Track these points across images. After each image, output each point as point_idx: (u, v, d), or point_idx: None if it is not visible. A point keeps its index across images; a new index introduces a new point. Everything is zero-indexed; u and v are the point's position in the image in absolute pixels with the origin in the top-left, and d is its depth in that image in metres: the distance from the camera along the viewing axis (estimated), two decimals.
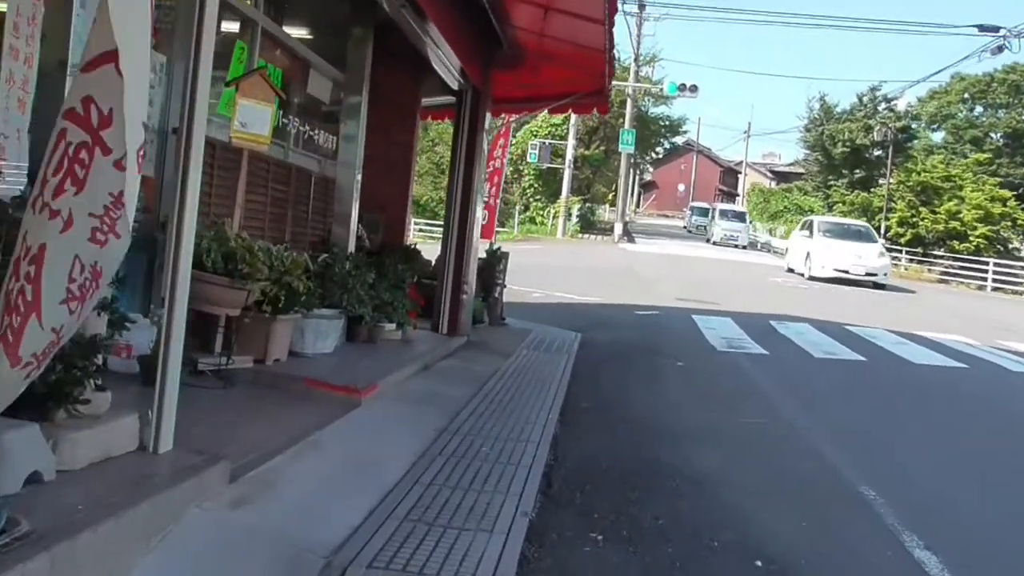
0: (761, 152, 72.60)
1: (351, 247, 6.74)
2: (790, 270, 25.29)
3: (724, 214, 40.77)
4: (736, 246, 37.59)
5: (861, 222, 28.37)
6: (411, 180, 9.05)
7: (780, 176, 75.23)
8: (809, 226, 25.55)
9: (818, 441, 5.61)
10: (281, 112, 6.46)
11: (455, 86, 8.33)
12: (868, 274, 22.43)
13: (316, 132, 7.28)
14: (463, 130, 8.42)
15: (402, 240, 8.97)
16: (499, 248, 10.66)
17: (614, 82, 37.62)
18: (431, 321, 8.23)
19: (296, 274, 4.81)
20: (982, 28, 17.98)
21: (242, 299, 4.70)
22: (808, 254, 23.71)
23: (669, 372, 7.84)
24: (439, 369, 6.65)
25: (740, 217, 41.20)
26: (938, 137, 48.17)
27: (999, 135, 52.80)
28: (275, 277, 4.75)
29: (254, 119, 4.84)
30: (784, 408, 6.56)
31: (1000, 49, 17.94)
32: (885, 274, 23.05)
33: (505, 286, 10.87)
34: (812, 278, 22.66)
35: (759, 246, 40.94)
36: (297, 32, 6.76)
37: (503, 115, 10.09)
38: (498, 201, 10.71)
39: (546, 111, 9.81)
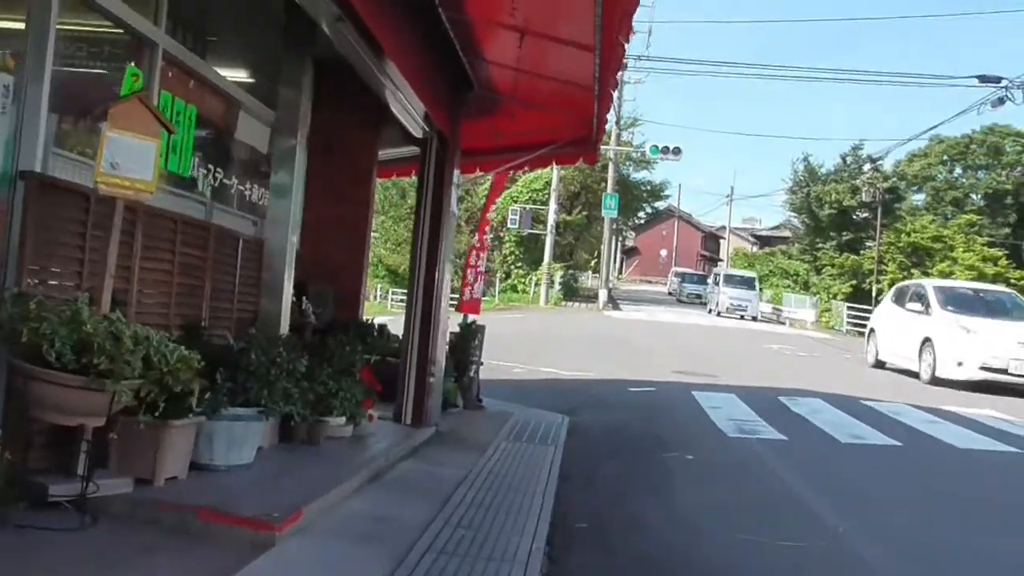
0: (741, 217, 72.44)
1: (284, 326, 5.44)
2: (879, 363, 17.21)
3: (730, 280, 36.81)
4: (743, 317, 33.90)
5: (1002, 288, 19.93)
6: (367, 244, 7.81)
7: (762, 240, 74.99)
8: (919, 295, 16.33)
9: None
10: (197, 159, 5.24)
11: (419, 133, 7.16)
12: None
13: (248, 186, 6.05)
14: (427, 184, 7.22)
15: (356, 314, 7.68)
16: (474, 321, 9.40)
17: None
18: (394, 407, 6.91)
19: (181, 373, 3.50)
20: (983, 79, 17.22)
21: (104, 404, 3.38)
22: (928, 342, 14.95)
23: (678, 471, 6.51)
24: (395, 477, 5.30)
25: (748, 283, 36.54)
26: (919, 198, 47.90)
27: (979, 196, 52.81)
28: (154, 376, 3.44)
29: (131, 159, 3.60)
30: (831, 520, 5.23)
31: (1001, 101, 17.15)
32: None
33: (482, 363, 9.59)
34: (940, 381, 14.21)
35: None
36: (223, 63, 5.58)
37: (478, 170, 8.94)
38: (481, 274, 9.49)
39: (525, 169, 8.66)
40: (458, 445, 6.66)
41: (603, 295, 34.87)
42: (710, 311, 35.88)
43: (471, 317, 9.53)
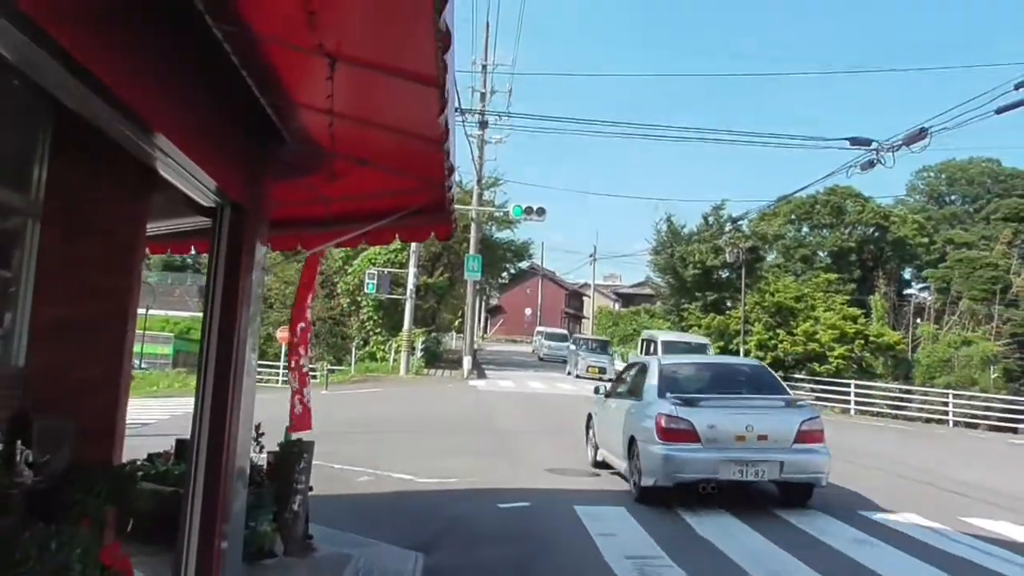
0: (603, 274, 72.49)
1: None
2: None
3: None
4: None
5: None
6: (127, 351, 5.52)
7: (625, 298, 75.52)
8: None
9: None
10: None
11: (205, 202, 5.05)
12: None
13: None
14: (217, 265, 5.09)
15: (111, 454, 5.35)
16: (298, 440, 7.24)
17: (456, 206, 35.98)
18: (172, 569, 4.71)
19: None
20: (854, 141, 16.67)
21: None
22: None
23: None
24: None
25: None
26: (770, 257, 49.08)
27: (825, 253, 54.94)
28: None
29: None
30: None
31: (871, 164, 16.59)
32: None
33: (311, 490, 7.43)
34: None
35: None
36: None
37: (299, 247, 6.84)
38: (305, 375, 7.37)
39: (363, 244, 6.64)
40: None
41: (467, 362, 32.94)
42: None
43: (296, 434, 7.36)
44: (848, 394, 28.99)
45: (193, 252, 7.55)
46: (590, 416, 12.60)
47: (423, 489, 10.02)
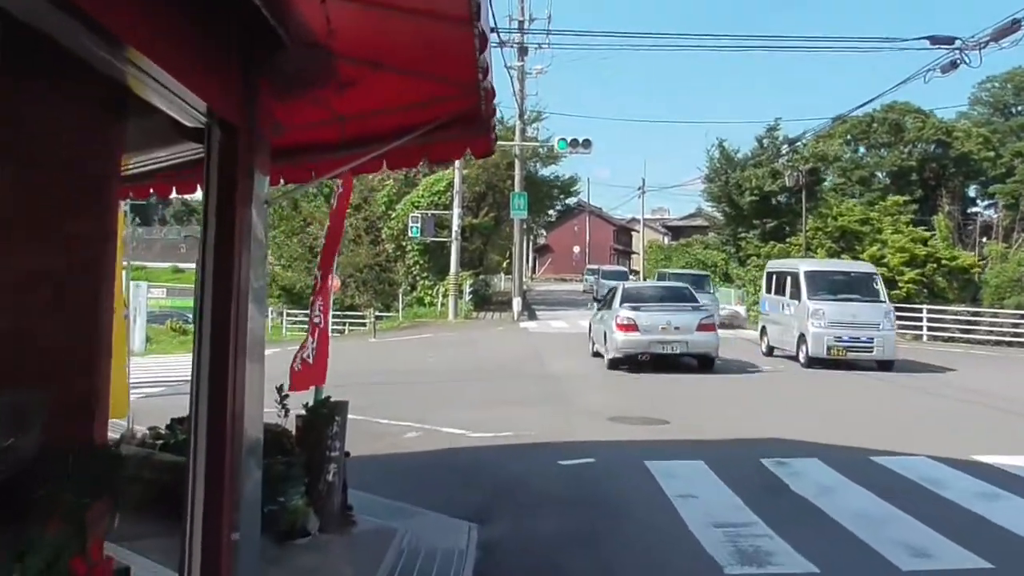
0: (650, 208, 70.36)
1: None
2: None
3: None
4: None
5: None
6: (106, 310, 4.54)
7: (674, 231, 73.58)
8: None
9: None
10: None
11: (189, 122, 4.01)
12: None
13: None
14: (209, 201, 4.07)
15: (92, 431, 4.38)
16: (327, 399, 6.31)
17: (499, 142, 34.00)
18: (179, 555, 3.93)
19: None
20: (935, 40, 14.98)
21: None
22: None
23: None
24: None
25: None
26: (827, 180, 46.85)
27: (884, 174, 52.36)
28: None
29: None
30: None
31: (954, 64, 14.88)
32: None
33: (348, 455, 6.52)
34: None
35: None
36: None
37: (314, 175, 5.78)
38: (322, 331, 6.39)
39: (387, 174, 5.52)
40: None
41: (517, 304, 31.96)
42: None
43: (324, 390, 6.43)
44: (920, 320, 27.45)
45: (175, 194, 6.54)
46: (590, 323, 19.02)
47: (476, 445, 9.11)
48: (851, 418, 11.14)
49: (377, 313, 29.79)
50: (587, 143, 29.59)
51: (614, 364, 15.70)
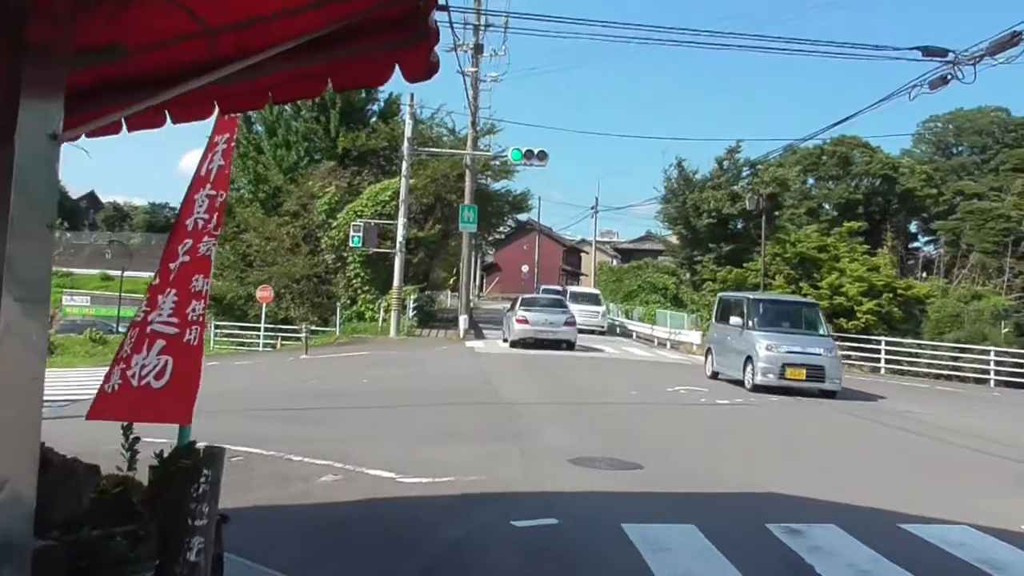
0: (600, 230, 69.28)
1: None
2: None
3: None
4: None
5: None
6: None
7: (624, 253, 72.75)
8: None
9: None
10: None
11: None
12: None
13: None
14: None
15: None
16: (191, 446, 4.45)
17: (449, 150, 32.26)
18: None
19: None
20: (927, 51, 13.80)
21: None
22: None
23: None
24: None
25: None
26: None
27: (831, 206, 52.29)
28: None
29: None
30: None
31: (944, 80, 13.72)
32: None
33: (225, 520, 4.65)
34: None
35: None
36: None
37: (170, 119, 3.97)
38: (202, 325, 4.46)
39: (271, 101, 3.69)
40: None
41: (464, 321, 30.21)
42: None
43: (188, 432, 4.56)
44: (878, 352, 26.53)
45: None
46: (503, 320, 28.20)
47: (407, 495, 7.31)
48: (849, 462, 9.69)
49: (312, 327, 27.68)
50: (542, 155, 28.18)
51: (513, 344, 24.77)
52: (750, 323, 17.86)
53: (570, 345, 24.63)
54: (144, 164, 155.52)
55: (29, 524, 2.70)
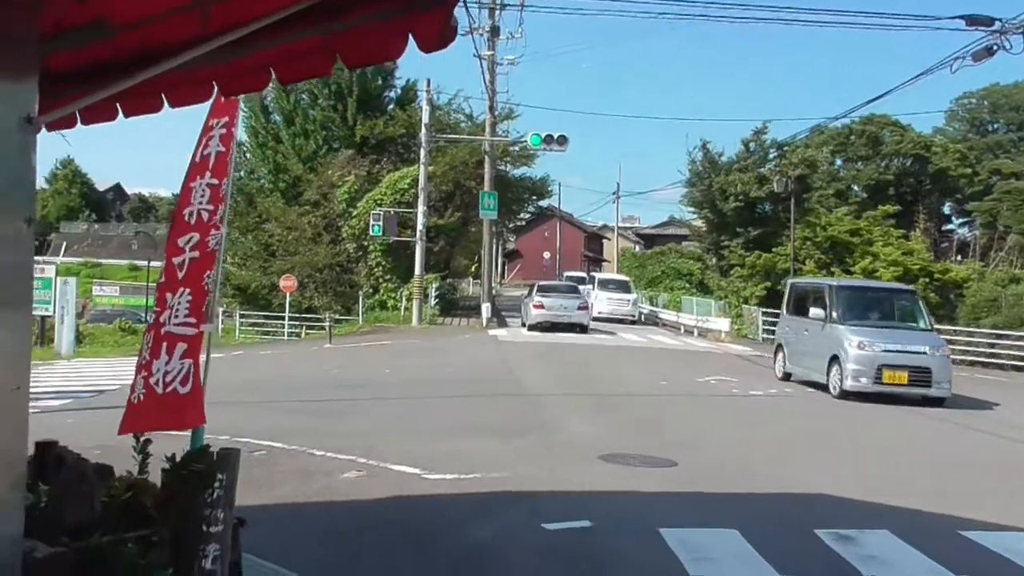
0: (621, 216, 68.50)
1: None
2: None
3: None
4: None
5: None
6: None
7: (646, 239, 72.00)
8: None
9: None
10: None
11: None
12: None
13: None
14: None
15: None
16: (206, 449, 4.12)
17: (467, 136, 31.68)
18: None
19: None
20: (971, 20, 13.18)
21: None
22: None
23: None
24: None
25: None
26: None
27: (860, 188, 51.24)
28: None
29: None
30: None
31: (989, 51, 13.09)
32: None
33: (243, 525, 4.32)
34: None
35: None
36: None
37: (166, 103, 3.61)
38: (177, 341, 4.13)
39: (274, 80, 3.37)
40: None
41: (486, 309, 29.86)
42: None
43: (202, 433, 4.24)
44: None
45: None
46: (520, 306, 29.89)
47: (431, 492, 6.98)
48: (894, 458, 9.23)
49: (336, 316, 27.47)
50: (563, 139, 27.68)
51: (531, 328, 25.98)
52: (834, 315, 14.80)
53: (583, 328, 25.72)
54: (167, 155, 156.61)
55: (17, 545, 2.40)
